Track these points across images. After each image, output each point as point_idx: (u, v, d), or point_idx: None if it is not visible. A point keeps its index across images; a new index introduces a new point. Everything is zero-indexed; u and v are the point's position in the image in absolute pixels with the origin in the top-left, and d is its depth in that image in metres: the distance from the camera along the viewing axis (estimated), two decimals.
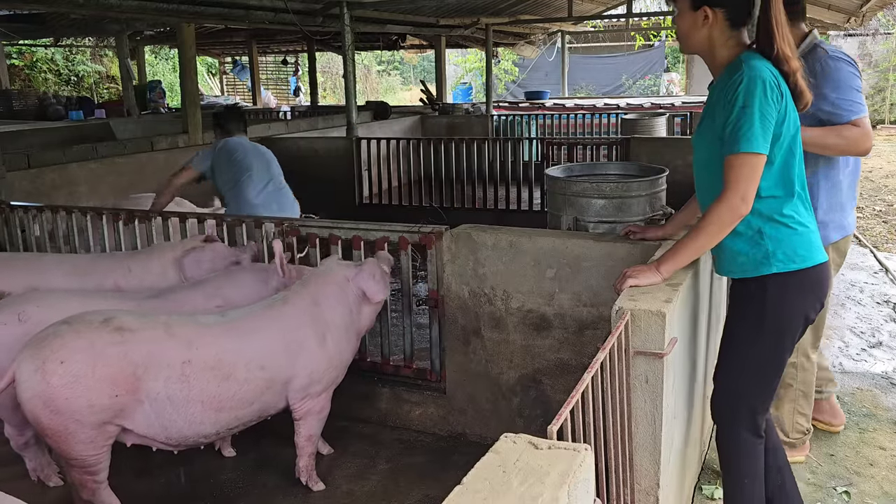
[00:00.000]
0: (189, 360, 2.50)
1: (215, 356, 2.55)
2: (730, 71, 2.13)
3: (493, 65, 12.38)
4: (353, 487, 2.96)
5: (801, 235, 2.15)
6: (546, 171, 3.75)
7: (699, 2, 2.16)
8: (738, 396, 2.28)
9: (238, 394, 2.59)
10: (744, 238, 2.17)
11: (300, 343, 2.73)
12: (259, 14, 8.04)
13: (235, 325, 2.67)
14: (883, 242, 7.08)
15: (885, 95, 17.57)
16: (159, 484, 3.03)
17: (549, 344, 3.05)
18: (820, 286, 2.21)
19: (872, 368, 4.16)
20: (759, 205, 2.12)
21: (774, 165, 2.12)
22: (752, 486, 2.32)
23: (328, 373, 2.82)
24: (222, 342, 2.59)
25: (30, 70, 18.81)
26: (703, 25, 2.18)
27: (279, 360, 2.69)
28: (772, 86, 2.04)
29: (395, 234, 3.31)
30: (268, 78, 22.50)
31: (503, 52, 18.73)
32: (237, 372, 2.58)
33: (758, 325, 2.20)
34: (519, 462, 1.28)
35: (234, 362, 2.58)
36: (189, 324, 2.61)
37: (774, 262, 2.14)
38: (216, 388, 2.54)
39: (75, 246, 4.17)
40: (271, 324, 2.71)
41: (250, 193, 4.49)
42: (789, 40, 2.11)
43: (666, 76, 20.80)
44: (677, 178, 4.30)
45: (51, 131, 9.74)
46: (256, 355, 2.63)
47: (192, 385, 2.50)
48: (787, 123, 2.10)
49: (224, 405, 2.57)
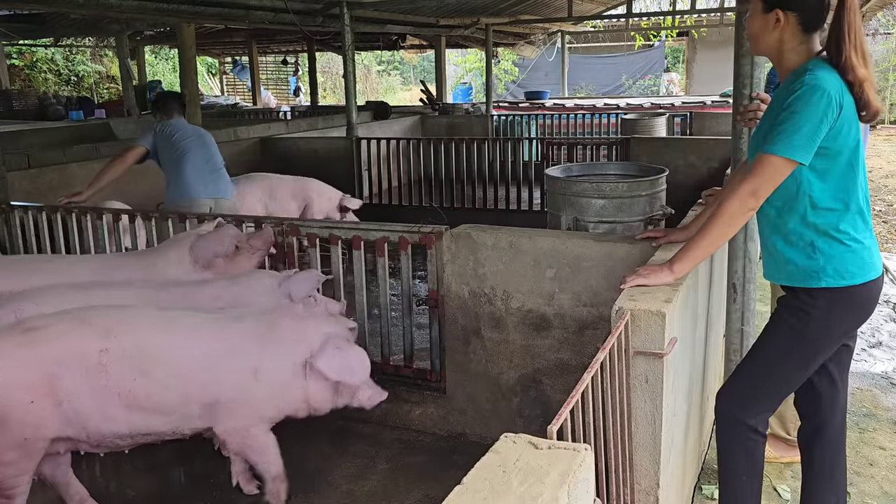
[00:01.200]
0: (106, 348, 2.39)
1: (134, 345, 2.43)
2: (794, 76, 2.09)
3: (493, 65, 12.38)
4: (352, 487, 2.96)
5: (853, 252, 2.11)
6: (546, 171, 3.75)
7: (772, 4, 2.12)
8: (752, 396, 2.28)
9: (153, 395, 2.44)
10: (796, 248, 2.15)
11: (235, 367, 2.54)
12: (259, 14, 8.04)
13: (167, 321, 2.54)
14: (883, 242, 7.08)
15: (884, 95, 17.57)
16: (159, 484, 3.03)
17: (549, 344, 3.05)
18: (868, 303, 2.18)
19: (872, 368, 4.16)
20: (815, 218, 2.11)
21: (831, 179, 2.09)
22: (749, 483, 2.33)
23: (259, 409, 2.60)
24: (145, 333, 2.47)
25: (30, 70, 18.82)
26: (774, 28, 2.13)
27: (203, 376, 2.50)
28: (832, 97, 1.99)
29: (395, 234, 3.31)
30: (268, 78, 22.50)
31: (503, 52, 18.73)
32: (155, 371, 2.43)
33: (798, 333, 2.18)
34: (519, 462, 1.28)
35: (155, 357, 2.44)
36: (111, 312, 2.51)
37: (824, 277, 2.11)
38: (132, 383, 2.40)
39: (75, 246, 4.17)
40: (208, 335, 2.56)
41: (188, 173, 4.58)
42: (863, 48, 2.05)
43: (666, 76, 20.80)
44: (677, 178, 4.30)
45: (51, 131, 9.75)
46: (177, 361, 2.48)
47: (109, 374, 2.38)
48: (843, 136, 2.05)
49: (137, 403, 2.42)
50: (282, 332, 2.63)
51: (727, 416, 2.34)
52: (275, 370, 2.58)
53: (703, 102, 11.69)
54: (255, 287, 3.10)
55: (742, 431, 2.29)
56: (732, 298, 2.92)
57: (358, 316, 3.49)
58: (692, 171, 6.11)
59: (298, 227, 3.53)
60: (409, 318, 3.40)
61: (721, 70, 2.63)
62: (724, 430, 2.35)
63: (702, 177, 6.03)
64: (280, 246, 3.55)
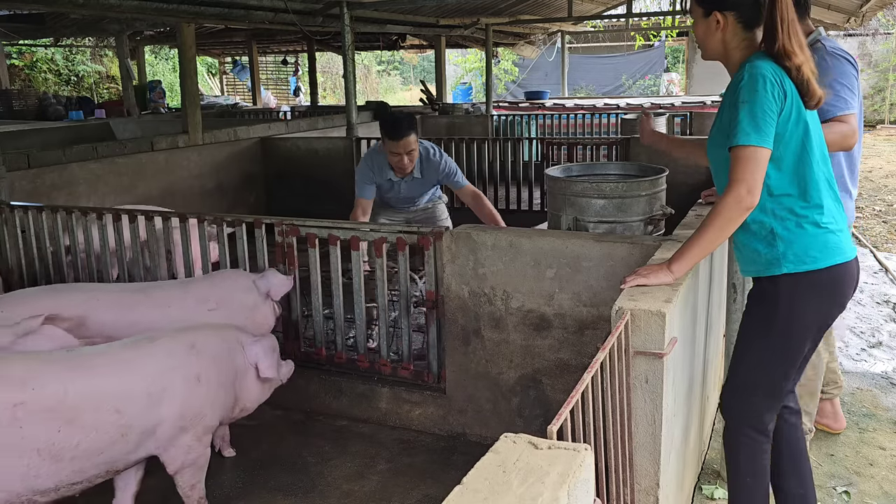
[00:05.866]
0: (23, 401, 2.18)
1: (55, 396, 2.23)
2: (738, 73, 2.15)
3: (493, 65, 12.38)
4: (352, 487, 2.96)
5: (814, 236, 2.12)
6: (546, 171, 3.74)
7: (710, 8, 2.20)
8: (745, 394, 2.29)
9: (83, 443, 2.27)
10: (757, 237, 2.18)
11: (179, 378, 2.50)
12: (259, 14, 8.04)
13: (85, 361, 2.38)
14: (883, 242, 7.08)
15: (884, 95, 17.57)
16: (159, 483, 3.03)
17: (549, 344, 3.05)
18: (837, 288, 2.16)
19: (872, 368, 4.16)
20: (771, 204, 2.14)
21: (785, 164, 2.12)
22: (754, 485, 2.33)
23: (203, 418, 2.57)
24: (68, 380, 2.27)
25: (30, 70, 18.80)
26: (716, 30, 2.21)
27: (139, 404, 2.39)
28: (772, 82, 2.05)
29: (394, 234, 3.32)
30: (268, 78, 22.50)
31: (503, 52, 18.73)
32: (83, 416, 2.26)
33: (768, 323, 2.20)
34: (519, 462, 1.28)
35: (80, 405, 2.27)
36: (27, 360, 2.31)
37: (785, 263, 2.13)
38: (55, 435, 2.21)
39: (76, 246, 4.17)
40: (141, 360, 2.46)
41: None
42: (797, 37, 2.10)
43: (666, 76, 20.80)
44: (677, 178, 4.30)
45: (51, 131, 9.75)
46: (110, 397, 2.33)
47: (24, 431, 2.16)
48: (793, 123, 2.09)
49: (68, 454, 2.25)
50: (211, 340, 2.65)
51: (731, 420, 2.35)
52: (214, 375, 2.59)
53: (703, 102, 11.70)
54: (235, 286, 3.20)
55: (745, 434, 2.31)
56: (732, 298, 2.92)
57: (357, 316, 3.49)
58: (692, 171, 6.10)
59: (298, 228, 3.53)
60: (408, 318, 3.41)
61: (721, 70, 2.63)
62: (730, 433, 2.36)
63: (702, 177, 6.02)
64: (280, 246, 3.55)
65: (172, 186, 6.86)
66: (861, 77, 2.96)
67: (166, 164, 6.88)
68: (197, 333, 2.65)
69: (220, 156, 7.49)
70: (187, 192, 7.00)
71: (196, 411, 2.53)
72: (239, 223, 3.69)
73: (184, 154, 7.14)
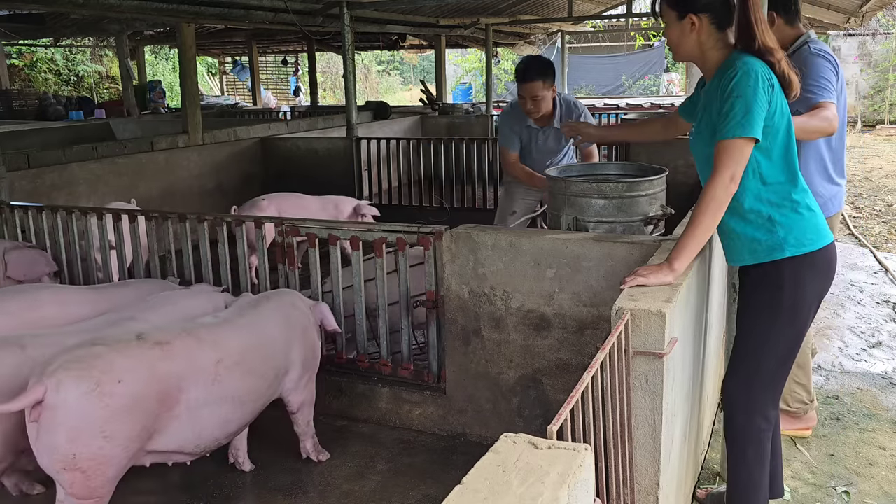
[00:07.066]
0: (220, 359, 2.61)
1: (238, 351, 2.70)
2: (723, 70, 2.22)
3: (493, 65, 12.38)
4: (352, 487, 2.96)
5: (807, 220, 2.24)
6: (546, 170, 3.74)
7: (684, 11, 2.28)
8: (757, 382, 2.33)
9: (254, 388, 2.74)
10: (755, 226, 2.25)
11: (299, 327, 2.98)
12: (259, 14, 8.04)
13: (244, 321, 2.82)
14: (883, 242, 7.08)
15: (884, 95, 17.55)
16: (159, 483, 3.03)
17: (549, 344, 3.05)
18: (829, 266, 2.31)
19: (872, 368, 4.16)
20: (767, 193, 2.23)
21: (776, 154, 2.22)
22: (759, 474, 2.36)
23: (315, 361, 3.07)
24: (242, 336, 2.75)
25: (30, 70, 18.81)
26: (691, 32, 2.29)
27: (281, 351, 2.87)
28: (764, 78, 2.14)
29: (394, 234, 3.32)
30: (268, 78, 22.51)
31: (503, 52, 18.73)
32: (255, 366, 2.75)
33: (774, 307, 2.26)
34: (519, 462, 1.28)
35: (252, 357, 2.76)
36: (211, 326, 2.73)
37: (787, 248, 2.23)
38: (241, 383, 2.67)
39: (75, 246, 4.17)
40: (264, 319, 2.89)
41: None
42: (770, 33, 2.21)
43: (665, 76, 20.82)
44: (677, 178, 4.30)
45: (51, 131, 9.77)
46: (268, 347, 2.83)
47: (224, 384, 2.60)
48: (779, 115, 2.19)
49: (247, 398, 2.72)
50: (298, 302, 3.10)
51: (738, 410, 2.36)
52: (310, 327, 3.07)
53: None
54: (217, 297, 3.35)
55: (755, 424, 2.33)
56: (732, 298, 2.92)
57: (357, 316, 3.49)
58: (692, 171, 6.07)
59: (298, 228, 3.53)
60: (409, 318, 3.41)
61: None
62: (736, 424, 2.38)
63: None
64: (280, 246, 3.55)
65: (172, 186, 6.87)
66: (861, 77, 3.04)
67: (166, 164, 6.88)
68: (291, 295, 3.12)
69: (220, 156, 7.50)
70: (187, 192, 7.01)
71: (311, 354, 3.03)
72: (239, 223, 3.69)
73: (184, 154, 7.15)
